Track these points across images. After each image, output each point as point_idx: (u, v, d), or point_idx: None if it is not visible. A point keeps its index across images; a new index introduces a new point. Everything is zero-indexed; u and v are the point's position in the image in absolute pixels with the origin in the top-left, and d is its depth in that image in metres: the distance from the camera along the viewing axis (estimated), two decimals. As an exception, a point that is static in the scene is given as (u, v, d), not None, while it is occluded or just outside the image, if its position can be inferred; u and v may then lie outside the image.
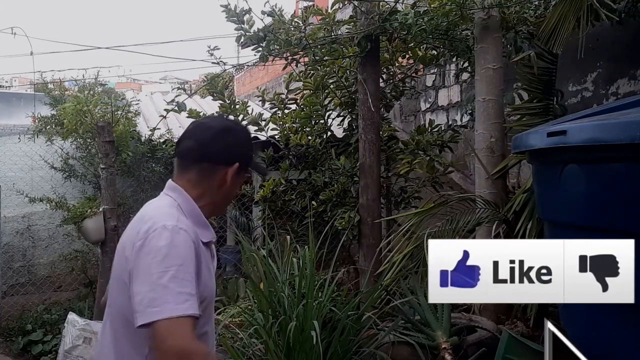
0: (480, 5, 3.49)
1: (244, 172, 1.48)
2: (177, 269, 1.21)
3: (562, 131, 1.93)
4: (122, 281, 1.30)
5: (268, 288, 2.86)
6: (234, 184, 1.45)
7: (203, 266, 1.33)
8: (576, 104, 4.21)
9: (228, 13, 3.84)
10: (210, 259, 1.44)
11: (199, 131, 1.44)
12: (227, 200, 1.53)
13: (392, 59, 4.39)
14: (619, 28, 3.76)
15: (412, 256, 3.21)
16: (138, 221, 1.35)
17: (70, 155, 5.17)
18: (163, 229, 1.26)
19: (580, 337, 2.16)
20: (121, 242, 1.39)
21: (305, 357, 2.59)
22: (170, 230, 1.26)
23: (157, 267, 1.20)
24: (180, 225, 1.29)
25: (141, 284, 1.20)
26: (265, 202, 4.23)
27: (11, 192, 5.08)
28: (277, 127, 4.51)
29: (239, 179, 1.46)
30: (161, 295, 1.17)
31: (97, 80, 6.23)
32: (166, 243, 1.23)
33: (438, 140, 4.30)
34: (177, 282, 1.19)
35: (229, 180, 1.42)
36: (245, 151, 1.48)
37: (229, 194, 1.48)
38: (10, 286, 5.13)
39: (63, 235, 5.39)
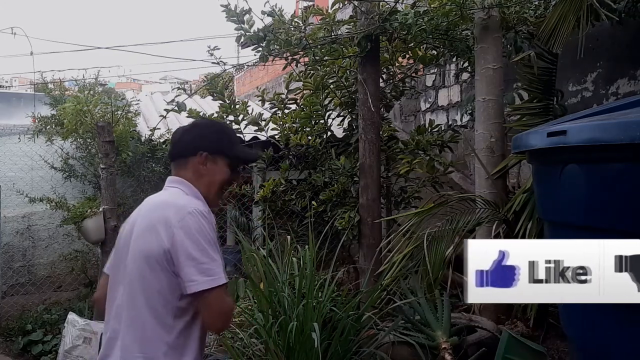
0: (480, 5, 3.49)
1: (220, 160, 1.62)
2: (214, 245, 1.48)
3: (562, 131, 1.93)
4: (152, 259, 1.47)
5: (268, 288, 2.86)
6: (210, 172, 1.61)
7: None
8: (576, 104, 4.21)
9: (228, 13, 3.84)
10: None
11: (174, 134, 1.71)
12: (211, 191, 1.62)
13: (392, 59, 4.39)
14: (619, 28, 3.76)
15: (412, 256, 3.21)
16: (155, 208, 1.55)
17: (70, 155, 5.17)
18: (195, 213, 1.48)
19: (578, 337, 2.16)
20: (138, 228, 1.54)
21: (305, 357, 2.59)
22: (199, 214, 1.48)
23: (202, 244, 1.45)
24: (202, 210, 1.51)
25: (192, 260, 1.43)
26: (265, 202, 4.23)
27: (11, 192, 5.08)
28: (277, 127, 4.51)
29: (216, 167, 1.62)
30: (212, 267, 1.44)
31: (97, 80, 6.24)
32: (202, 225, 1.47)
33: (438, 140, 4.29)
34: (217, 255, 1.47)
35: (203, 169, 1.60)
36: (211, 140, 1.63)
37: (210, 183, 1.61)
38: (10, 286, 5.13)
39: (63, 235, 5.39)
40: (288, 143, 4.41)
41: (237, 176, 1.72)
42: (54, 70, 17.03)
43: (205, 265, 1.43)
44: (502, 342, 2.73)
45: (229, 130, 1.78)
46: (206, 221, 1.49)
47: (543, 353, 2.83)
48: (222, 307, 1.48)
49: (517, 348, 2.72)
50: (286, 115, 4.51)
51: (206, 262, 1.44)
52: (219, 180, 1.63)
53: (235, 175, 1.69)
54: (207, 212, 1.53)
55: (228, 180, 1.66)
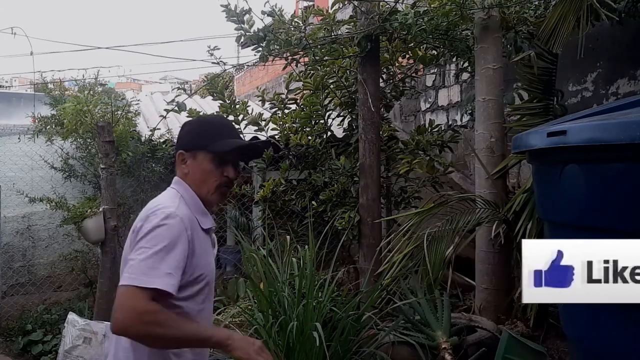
0: (480, 5, 3.49)
1: (200, 155, 1.54)
2: (161, 248, 1.37)
3: (562, 131, 1.93)
4: (126, 260, 1.44)
5: (268, 288, 2.86)
6: (192, 170, 1.55)
7: (199, 249, 1.48)
8: (576, 104, 4.21)
9: (228, 13, 3.84)
10: (210, 245, 1.60)
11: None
12: (203, 189, 1.55)
13: (392, 59, 4.39)
14: (619, 28, 3.76)
15: (412, 256, 3.21)
16: (145, 209, 1.50)
17: (70, 155, 5.17)
18: (161, 213, 1.42)
19: (581, 336, 2.16)
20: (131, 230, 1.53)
21: (305, 357, 2.59)
22: (166, 214, 1.42)
23: (147, 243, 1.38)
24: (177, 212, 1.44)
25: (132, 258, 1.38)
26: (265, 202, 4.23)
27: (11, 192, 5.07)
28: (277, 127, 4.51)
29: (195, 163, 1.55)
30: (139, 267, 1.34)
31: (97, 80, 6.23)
32: (160, 224, 1.40)
33: (438, 140, 4.30)
34: (157, 259, 1.35)
35: (184, 168, 1.56)
36: (187, 137, 1.59)
37: (197, 181, 1.55)
38: (10, 286, 5.12)
39: (63, 235, 5.38)
40: (288, 143, 4.42)
41: (230, 170, 1.56)
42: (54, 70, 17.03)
43: (135, 263, 1.34)
44: (502, 342, 2.73)
45: (212, 123, 1.64)
46: (172, 223, 1.40)
47: (543, 353, 2.83)
48: (124, 304, 1.31)
49: (517, 348, 2.72)
50: (286, 115, 4.51)
51: (139, 261, 1.34)
52: (202, 176, 1.54)
53: (227, 170, 1.55)
54: (185, 215, 1.45)
55: (220, 176, 1.54)
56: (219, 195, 1.57)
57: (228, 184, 1.58)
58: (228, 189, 1.60)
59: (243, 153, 1.65)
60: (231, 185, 1.61)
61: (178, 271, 1.38)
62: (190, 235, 1.44)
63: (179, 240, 1.40)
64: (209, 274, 1.56)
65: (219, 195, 1.58)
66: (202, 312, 1.53)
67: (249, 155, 1.88)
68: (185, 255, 1.41)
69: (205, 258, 1.53)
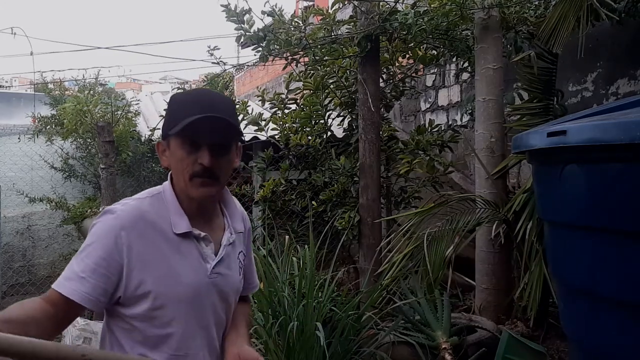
0: (480, 5, 3.49)
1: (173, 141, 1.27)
2: (84, 249, 1.21)
3: (562, 131, 1.93)
4: None
5: (268, 288, 2.86)
6: (172, 158, 1.29)
7: (153, 257, 1.24)
8: (576, 104, 4.21)
9: (228, 13, 3.84)
10: (193, 254, 1.30)
11: None
12: (179, 180, 1.29)
13: (392, 59, 4.39)
14: (619, 28, 3.76)
15: (412, 256, 3.21)
16: None
17: (70, 155, 5.18)
18: (101, 212, 1.28)
19: (581, 336, 2.16)
20: None
21: (305, 357, 2.59)
22: (102, 213, 1.26)
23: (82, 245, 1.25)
24: (116, 209, 1.25)
25: None
26: (265, 202, 4.23)
27: (11, 192, 5.08)
28: (277, 127, 4.51)
29: (169, 151, 1.29)
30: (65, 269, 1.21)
31: (97, 80, 6.24)
32: (92, 224, 1.26)
33: (438, 140, 4.29)
34: (77, 260, 1.20)
35: (165, 161, 1.33)
36: (166, 120, 1.30)
37: (177, 172, 1.29)
38: (10, 286, 5.13)
39: (63, 235, 5.39)
40: (288, 143, 4.41)
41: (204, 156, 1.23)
42: (54, 70, 17.03)
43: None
44: (502, 342, 2.73)
45: (179, 101, 1.31)
46: (103, 220, 1.23)
47: (543, 353, 2.83)
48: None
49: (517, 348, 2.72)
50: (286, 115, 4.51)
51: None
52: (176, 166, 1.27)
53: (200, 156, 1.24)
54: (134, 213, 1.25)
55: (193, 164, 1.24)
56: (195, 187, 1.26)
57: (203, 174, 1.25)
58: (208, 180, 1.26)
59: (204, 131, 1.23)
60: (209, 174, 1.26)
61: (96, 276, 1.17)
62: (131, 237, 1.22)
63: (104, 238, 1.20)
64: (169, 293, 1.24)
65: (196, 187, 1.26)
66: (168, 339, 1.26)
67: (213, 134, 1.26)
68: (111, 258, 1.19)
69: (166, 270, 1.24)
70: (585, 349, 2.14)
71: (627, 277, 1.81)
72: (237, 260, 1.43)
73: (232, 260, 1.40)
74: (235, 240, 1.42)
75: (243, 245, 1.48)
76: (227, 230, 1.40)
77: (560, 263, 2.23)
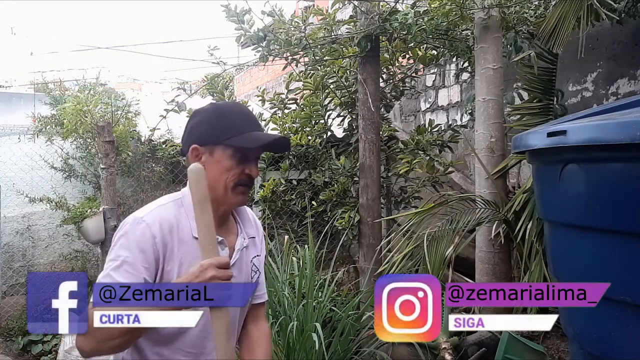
0: (480, 5, 3.49)
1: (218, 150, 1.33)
2: (122, 260, 1.25)
3: (562, 131, 1.93)
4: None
5: (268, 288, 2.86)
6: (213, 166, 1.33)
7: (185, 259, 1.30)
8: (576, 104, 4.21)
9: (228, 13, 3.84)
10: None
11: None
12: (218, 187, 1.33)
13: (392, 59, 4.39)
14: (619, 28, 3.76)
15: (412, 256, 3.21)
16: None
17: (70, 155, 5.17)
18: (127, 222, 1.30)
19: (581, 335, 2.16)
20: None
21: (305, 357, 2.59)
22: (130, 223, 1.29)
23: (110, 255, 1.28)
24: (146, 218, 1.28)
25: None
26: (265, 202, 4.23)
27: (11, 192, 5.07)
28: (277, 127, 4.51)
29: (212, 159, 1.33)
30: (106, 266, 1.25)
31: (97, 80, 6.24)
32: (121, 234, 1.29)
33: (438, 140, 4.30)
34: (117, 271, 1.24)
35: (204, 163, 1.32)
36: (201, 129, 1.35)
37: (217, 179, 1.33)
38: (10, 286, 5.12)
39: (63, 235, 5.38)
40: (288, 143, 4.41)
41: (252, 168, 1.38)
42: (54, 70, 17.03)
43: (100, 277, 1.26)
44: (502, 342, 2.73)
45: (231, 112, 1.38)
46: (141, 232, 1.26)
47: (543, 353, 2.83)
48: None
49: (517, 348, 2.72)
50: (286, 115, 4.51)
51: (103, 275, 1.26)
52: (220, 174, 1.33)
53: (249, 167, 1.37)
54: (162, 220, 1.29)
55: (240, 174, 1.34)
56: (238, 194, 1.35)
57: (248, 182, 1.37)
58: (248, 188, 1.39)
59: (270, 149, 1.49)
60: (251, 184, 1.40)
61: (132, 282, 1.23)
62: (162, 242, 1.28)
63: (143, 245, 1.26)
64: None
65: (239, 195, 1.36)
66: (184, 336, 1.33)
67: (272, 150, 1.66)
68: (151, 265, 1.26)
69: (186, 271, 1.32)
70: (585, 349, 2.14)
71: (627, 277, 1.81)
72: (249, 264, 1.48)
73: (244, 264, 1.46)
74: (248, 245, 1.47)
75: (257, 250, 1.53)
76: (240, 235, 1.45)
77: (560, 263, 2.23)
